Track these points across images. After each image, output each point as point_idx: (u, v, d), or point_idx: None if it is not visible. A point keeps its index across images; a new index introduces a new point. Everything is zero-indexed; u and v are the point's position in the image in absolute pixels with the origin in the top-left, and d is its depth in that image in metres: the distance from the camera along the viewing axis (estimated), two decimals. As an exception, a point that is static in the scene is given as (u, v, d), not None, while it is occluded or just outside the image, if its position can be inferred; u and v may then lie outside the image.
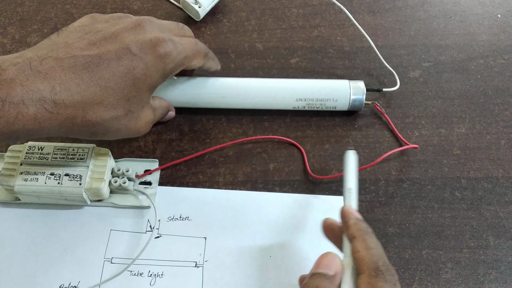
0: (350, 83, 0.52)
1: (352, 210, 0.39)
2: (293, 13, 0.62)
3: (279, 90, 0.52)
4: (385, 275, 0.33)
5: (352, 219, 0.38)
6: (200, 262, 0.45)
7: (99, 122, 0.40)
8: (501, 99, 0.55)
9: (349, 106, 0.52)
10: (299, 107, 0.52)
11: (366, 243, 0.35)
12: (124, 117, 0.42)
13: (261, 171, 0.50)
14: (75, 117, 0.38)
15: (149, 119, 0.45)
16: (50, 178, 0.44)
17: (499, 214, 0.48)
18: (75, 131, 0.40)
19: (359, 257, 0.35)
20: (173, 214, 0.47)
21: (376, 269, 0.34)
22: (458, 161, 0.51)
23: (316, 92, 0.52)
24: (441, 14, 0.63)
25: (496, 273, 0.45)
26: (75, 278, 0.44)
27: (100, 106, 0.39)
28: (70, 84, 0.38)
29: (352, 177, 0.43)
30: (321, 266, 0.35)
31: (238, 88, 0.52)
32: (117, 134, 0.43)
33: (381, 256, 0.35)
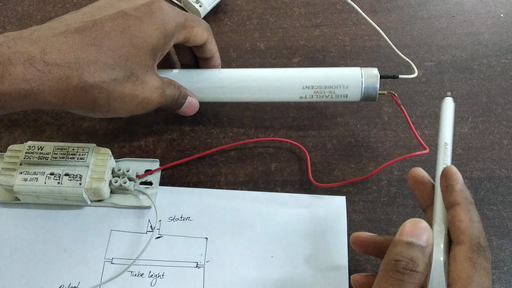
0: (362, 70, 0.47)
1: (459, 173, 0.36)
2: (294, 12, 0.62)
3: (284, 78, 0.48)
4: (486, 252, 0.32)
5: (459, 184, 0.35)
6: (201, 263, 0.44)
7: (98, 84, 0.38)
8: (504, 98, 0.55)
9: (362, 94, 0.47)
10: (307, 97, 0.48)
11: (470, 214, 0.34)
12: (127, 80, 0.39)
13: (262, 171, 0.50)
14: (70, 78, 0.37)
15: (157, 85, 0.42)
16: (50, 178, 0.43)
17: (502, 214, 0.48)
18: (72, 98, 0.37)
19: (461, 227, 0.33)
20: (174, 214, 0.47)
21: (478, 244, 0.32)
22: (460, 161, 0.51)
23: (324, 78, 0.47)
24: (443, 13, 0.62)
25: (499, 273, 0.45)
26: (75, 279, 0.43)
27: (96, 66, 0.38)
28: (62, 45, 0.36)
29: (448, 129, 0.40)
30: (412, 234, 0.32)
31: (240, 78, 0.49)
32: (123, 105, 0.40)
33: (482, 232, 0.33)
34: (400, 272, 0.31)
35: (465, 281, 0.31)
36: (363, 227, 0.47)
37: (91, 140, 0.51)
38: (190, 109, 0.48)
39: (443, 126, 0.40)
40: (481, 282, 0.31)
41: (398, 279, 0.31)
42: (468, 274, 0.31)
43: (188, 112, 0.48)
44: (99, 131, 0.52)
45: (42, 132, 0.51)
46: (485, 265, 0.31)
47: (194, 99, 0.48)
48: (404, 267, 0.31)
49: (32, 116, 0.52)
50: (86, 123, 0.52)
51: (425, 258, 0.32)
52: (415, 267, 0.31)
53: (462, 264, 0.31)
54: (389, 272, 0.32)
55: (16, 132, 0.51)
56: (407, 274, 0.31)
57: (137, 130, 0.52)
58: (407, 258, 0.31)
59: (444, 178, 0.36)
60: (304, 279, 0.44)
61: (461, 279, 0.31)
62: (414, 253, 0.32)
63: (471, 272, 0.31)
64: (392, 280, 0.31)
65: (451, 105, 0.41)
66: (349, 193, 0.48)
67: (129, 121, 0.52)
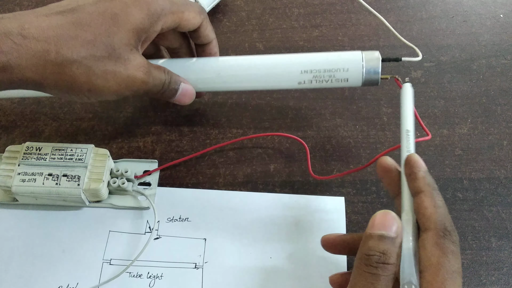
0: (363, 53, 0.46)
1: (421, 160, 0.36)
2: (293, 12, 0.62)
3: (281, 64, 0.46)
4: (452, 236, 0.32)
5: (421, 171, 0.36)
6: (199, 264, 0.44)
7: (76, 59, 0.37)
8: (503, 99, 0.55)
9: (363, 78, 0.45)
10: (305, 82, 0.46)
11: (434, 200, 0.34)
12: (108, 57, 0.38)
13: (261, 172, 0.49)
14: (48, 52, 0.36)
15: (142, 64, 0.40)
16: (48, 179, 0.43)
17: (501, 215, 0.47)
18: (51, 73, 0.36)
19: (426, 214, 0.33)
20: (172, 215, 0.46)
21: (444, 229, 0.32)
22: (460, 162, 0.50)
23: (323, 62, 0.46)
24: (443, 14, 0.62)
25: (499, 274, 0.44)
26: (73, 280, 0.43)
27: (76, 41, 0.37)
28: (42, 23, 0.36)
29: (409, 116, 0.40)
30: (381, 226, 0.33)
31: (235, 66, 0.47)
32: (105, 82, 0.39)
33: (447, 216, 0.34)
34: (374, 266, 0.32)
35: (435, 267, 0.31)
36: (362, 228, 0.46)
37: (89, 141, 0.51)
38: (186, 96, 0.46)
39: (403, 113, 0.40)
40: (451, 266, 0.31)
41: (373, 273, 0.32)
42: (438, 259, 0.31)
43: (184, 100, 0.46)
44: (97, 132, 0.51)
45: (41, 133, 0.51)
46: (452, 249, 0.32)
47: (188, 86, 0.46)
48: (377, 261, 0.32)
49: (30, 116, 0.52)
50: (85, 124, 0.52)
51: (396, 249, 0.32)
52: (388, 259, 0.32)
53: (430, 250, 0.32)
54: (363, 268, 0.32)
55: (15, 133, 0.51)
56: (380, 268, 0.32)
57: (136, 131, 0.52)
58: (378, 251, 0.32)
59: (407, 166, 0.37)
60: (303, 280, 0.43)
61: (431, 265, 0.31)
62: (385, 245, 0.32)
63: (440, 257, 0.31)
64: (367, 275, 0.32)
65: (410, 90, 0.41)
66: (348, 194, 0.48)
67: (128, 122, 0.52)
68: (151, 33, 0.41)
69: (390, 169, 0.39)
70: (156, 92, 0.43)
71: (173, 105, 0.54)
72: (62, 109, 0.53)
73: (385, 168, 0.39)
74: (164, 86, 0.43)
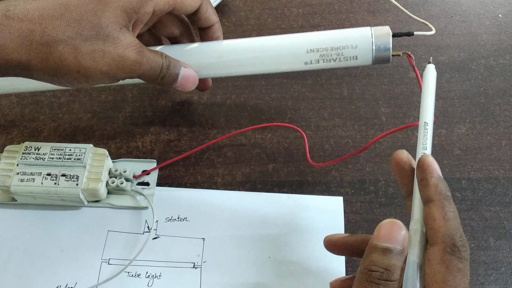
0: (372, 29, 0.43)
1: (435, 164, 0.34)
2: (292, 12, 0.62)
3: (286, 43, 0.44)
4: (461, 252, 0.30)
5: (433, 177, 0.33)
6: (198, 263, 0.44)
7: (62, 38, 0.36)
8: (502, 99, 0.55)
9: (373, 55, 0.43)
10: (312, 62, 0.44)
11: (444, 212, 0.31)
12: (96, 36, 0.37)
13: (260, 172, 0.50)
14: (33, 32, 0.35)
15: (133, 43, 0.39)
16: (46, 179, 0.43)
17: (499, 215, 0.47)
18: (37, 54, 0.36)
19: (435, 226, 0.31)
20: (171, 215, 0.47)
21: (452, 245, 0.30)
22: (458, 162, 0.51)
23: (330, 40, 0.43)
24: (441, 13, 0.62)
25: (497, 274, 0.44)
26: (72, 279, 0.43)
27: (61, 21, 0.36)
28: (27, 5, 0.36)
29: (429, 105, 0.36)
30: (387, 239, 0.31)
31: (238, 49, 0.45)
32: (94, 63, 0.37)
33: (458, 229, 0.31)
34: (375, 283, 0.31)
35: (439, 286, 0.30)
36: (361, 227, 0.47)
37: (88, 141, 0.51)
38: (188, 81, 0.43)
39: (424, 100, 0.36)
40: (456, 285, 0.30)
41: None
42: (443, 277, 0.30)
43: (187, 86, 0.43)
44: (96, 131, 0.51)
45: (39, 133, 0.51)
46: (460, 266, 0.30)
47: (190, 70, 0.43)
48: (379, 278, 0.30)
49: (29, 116, 0.52)
50: (83, 124, 0.52)
51: (400, 263, 0.31)
52: (390, 276, 0.30)
53: (436, 266, 0.30)
54: (364, 283, 0.31)
55: (13, 133, 0.51)
56: (382, 285, 0.30)
57: (134, 131, 0.52)
58: (381, 267, 0.31)
59: (419, 170, 0.34)
60: (301, 280, 0.44)
61: (435, 282, 0.30)
62: (389, 261, 0.31)
63: (445, 276, 0.30)
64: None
65: (433, 74, 0.37)
66: (346, 193, 0.48)
67: (127, 122, 0.52)
68: (142, 14, 0.39)
69: (405, 165, 0.36)
70: (155, 77, 0.41)
71: (171, 104, 0.54)
72: (61, 109, 0.53)
73: (399, 163, 0.36)
74: (163, 70, 0.41)
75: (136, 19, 0.39)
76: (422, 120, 0.35)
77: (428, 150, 0.35)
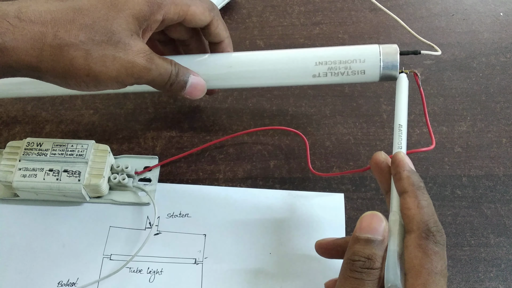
0: (380, 46, 0.44)
1: (406, 159, 0.36)
2: (294, 10, 0.62)
3: (295, 57, 0.45)
4: (436, 237, 0.32)
5: (405, 170, 0.35)
6: (199, 259, 0.44)
7: (74, 42, 0.36)
8: (502, 97, 0.55)
9: (381, 71, 0.43)
10: (320, 75, 0.44)
11: (418, 201, 0.33)
12: (107, 41, 0.37)
13: (261, 168, 0.50)
14: (45, 35, 0.35)
15: (144, 49, 0.39)
16: (48, 174, 0.44)
17: (500, 212, 0.48)
18: (48, 57, 0.36)
19: (410, 215, 0.33)
20: (172, 211, 0.47)
21: (427, 230, 0.32)
22: (459, 159, 0.51)
23: (338, 54, 0.44)
24: (443, 12, 0.62)
25: (497, 271, 0.45)
26: (73, 275, 0.43)
27: (74, 25, 0.36)
28: (40, 7, 0.36)
29: (403, 109, 0.38)
30: (368, 229, 0.33)
31: (247, 61, 0.46)
32: (104, 68, 0.37)
33: (432, 216, 0.33)
34: (358, 272, 0.32)
35: (417, 269, 0.31)
36: (361, 224, 0.47)
37: (90, 137, 0.51)
38: (196, 89, 0.44)
39: (398, 105, 0.38)
40: (433, 268, 0.31)
41: (357, 278, 0.32)
42: (420, 261, 0.31)
43: (195, 94, 0.44)
44: (98, 128, 0.52)
45: (42, 129, 0.51)
46: (435, 250, 0.31)
47: (198, 78, 0.43)
48: (362, 266, 0.32)
49: (31, 112, 0.52)
50: (86, 120, 0.52)
51: (381, 252, 0.32)
52: (373, 264, 0.32)
53: (413, 252, 0.32)
54: (348, 272, 0.32)
55: (16, 129, 0.51)
56: (365, 273, 0.32)
57: (136, 127, 0.52)
58: (363, 257, 0.32)
59: (393, 166, 0.36)
60: (302, 276, 0.44)
61: (413, 267, 0.31)
62: (371, 250, 0.32)
63: (422, 259, 0.31)
64: (352, 279, 0.32)
65: (405, 82, 0.39)
66: (347, 190, 0.48)
67: (128, 118, 0.52)
68: (151, 22, 0.40)
69: (382, 164, 0.38)
70: (163, 83, 0.41)
71: (173, 101, 0.54)
72: (63, 105, 0.53)
73: (377, 163, 0.38)
74: (172, 78, 0.41)
75: (146, 26, 0.40)
76: (397, 123, 0.38)
77: (403, 149, 0.37)
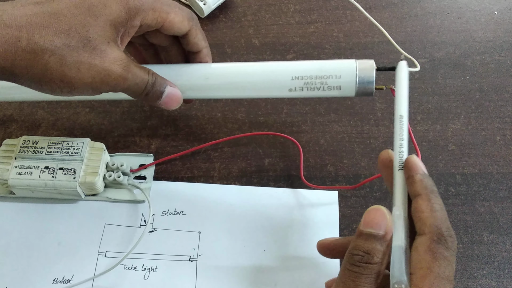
0: (356, 62, 0.44)
1: (419, 162, 0.35)
2: (289, 9, 0.62)
3: (272, 70, 0.45)
4: (448, 242, 0.32)
5: (419, 174, 0.35)
6: (194, 256, 0.45)
7: (49, 47, 0.35)
8: (496, 95, 0.55)
9: (356, 87, 0.43)
10: (296, 89, 0.44)
11: (431, 204, 0.33)
12: (83, 47, 0.36)
13: (256, 166, 0.50)
14: (19, 39, 0.35)
15: (120, 57, 0.38)
16: (44, 172, 0.44)
17: (493, 210, 0.48)
18: (22, 60, 0.35)
19: (422, 217, 0.33)
20: (167, 209, 0.47)
21: (439, 234, 0.32)
22: (453, 157, 0.51)
23: (315, 69, 0.44)
24: (438, 10, 0.63)
25: (490, 268, 0.45)
26: (69, 272, 0.44)
27: (49, 30, 0.36)
28: (16, 11, 0.35)
29: (403, 99, 0.38)
30: (371, 224, 0.33)
31: (223, 73, 0.45)
32: (79, 74, 0.37)
33: (445, 220, 0.33)
34: (356, 266, 0.32)
35: (424, 272, 0.31)
36: (355, 222, 0.47)
37: (85, 135, 0.51)
38: (172, 100, 0.43)
39: (398, 95, 0.38)
40: (441, 272, 0.31)
41: (355, 272, 0.32)
42: (428, 264, 0.31)
43: (170, 104, 0.43)
44: (93, 126, 0.52)
45: (37, 127, 0.52)
46: (445, 255, 0.31)
47: (175, 89, 0.43)
48: (360, 261, 0.32)
49: (27, 110, 0.52)
50: (81, 118, 0.52)
51: (382, 247, 0.32)
52: (370, 259, 0.32)
53: (422, 254, 0.31)
54: (347, 265, 0.33)
55: (12, 127, 0.52)
56: (363, 267, 0.32)
57: (132, 125, 0.52)
58: (362, 251, 0.32)
59: (406, 170, 0.36)
60: (296, 273, 0.44)
61: (421, 269, 0.31)
62: (370, 245, 0.32)
63: (431, 263, 0.31)
64: (350, 272, 0.32)
65: (406, 70, 0.39)
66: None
67: (124, 116, 0.53)
68: (129, 27, 0.40)
69: (389, 163, 0.37)
70: (139, 93, 0.41)
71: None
72: (59, 103, 0.53)
73: (384, 161, 0.38)
74: (148, 87, 0.41)
75: (124, 32, 0.40)
76: (398, 113, 0.37)
77: (404, 141, 0.37)
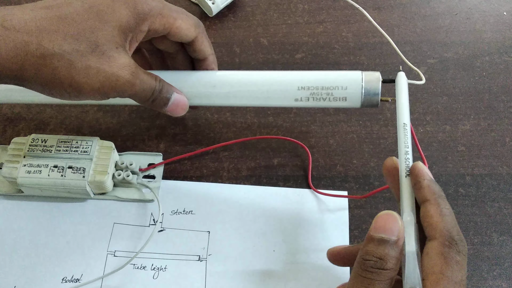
0: (363, 73, 0.44)
1: (425, 169, 0.36)
2: (298, 8, 0.62)
3: (278, 79, 0.45)
4: (459, 246, 0.32)
5: (426, 179, 0.35)
6: (203, 256, 0.45)
7: (58, 52, 0.36)
8: (506, 96, 0.55)
9: (362, 98, 0.44)
10: (302, 99, 0.45)
11: (440, 209, 0.33)
12: (91, 52, 0.37)
13: (265, 166, 0.50)
14: (28, 44, 0.35)
15: (128, 63, 0.39)
16: (53, 171, 0.44)
17: (503, 211, 0.48)
18: (31, 65, 0.35)
19: (432, 222, 0.33)
20: (176, 208, 0.47)
21: (450, 238, 0.32)
22: (462, 158, 0.51)
23: (321, 79, 0.44)
24: (446, 11, 0.62)
25: (500, 269, 0.45)
26: (77, 271, 0.43)
27: (58, 35, 0.36)
28: (25, 16, 0.36)
29: (405, 108, 0.39)
30: (383, 229, 0.32)
31: (232, 80, 0.46)
32: (87, 79, 0.37)
33: (455, 225, 0.33)
34: (369, 271, 0.32)
35: (436, 276, 0.31)
36: (365, 222, 0.47)
37: (94, 134, 0.51)
38: (178, 106, 0.44)
39: (400, 105, 0.39)
40: (453, 277, 0.31)
41: (368, 278, 0.32)
42: (441, 269, 0.31)
43: (176, 111, 0.44)
44: (102, 124, 0.52)
45: (46, 126, 0.51)
46: (457, 259, 0.31)
47: (181, 96, 0.44)
48: (373, 266, 0.32)
49: (36, 109, 0.52)
50: (90, 117, 0.52)
51: (395, 253, 0.32)
52: (384, 265, 0.31)
53: (434, 259, 0.31)
54: (359, 271, 0.32)
55: (20, 125, 0.51)
56: (376, 273, 0.31)
57: (140, 124, 0.52)
58: (375, 257, 0.32)
59: (412, 176, 0.36)
60: (306, 273, 0.44)
61: (433, 274, 0.31)
62: (383, 250, 0.32)
63: (443, 267, 0.31)
64: (362, 278, 0.32)
65: (405, 80, 0.40)
66: (351, 188, 0.49)
67: (133, 115, 0.52)
68: (137, 32, 0.40)
69: (394, 170, 0.38)
70: (146, 99, 0.41)
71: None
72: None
73: (389, 169, 0.38)
74: (155, 93, 0.41)
75: (132, 37, 0.40)
76: (401, 122, 0.38)
77: (409, 148, 0.37)
